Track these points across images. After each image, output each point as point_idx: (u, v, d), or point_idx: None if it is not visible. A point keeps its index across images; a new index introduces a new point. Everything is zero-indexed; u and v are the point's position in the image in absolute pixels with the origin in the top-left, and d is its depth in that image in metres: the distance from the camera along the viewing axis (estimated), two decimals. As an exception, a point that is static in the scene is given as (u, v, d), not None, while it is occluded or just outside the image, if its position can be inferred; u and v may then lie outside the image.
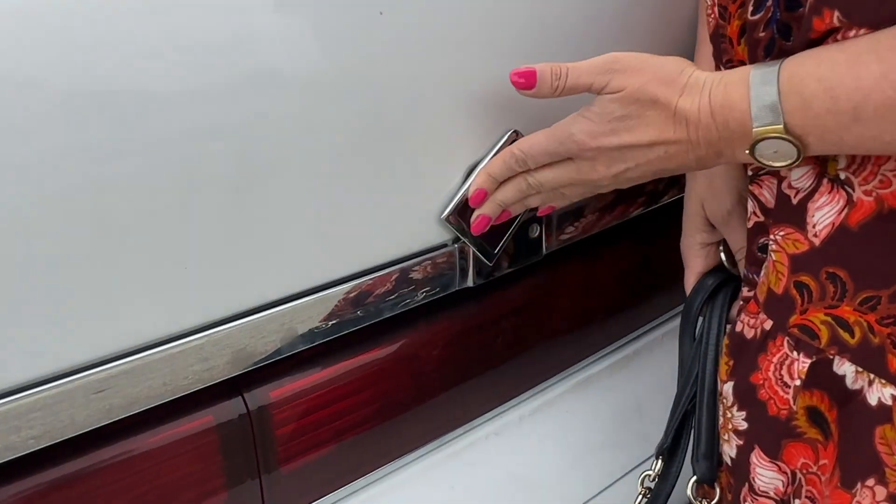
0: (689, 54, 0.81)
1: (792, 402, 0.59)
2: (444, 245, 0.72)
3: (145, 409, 0.58)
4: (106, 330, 0.54)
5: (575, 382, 0.93)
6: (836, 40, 0.51)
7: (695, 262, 0.75)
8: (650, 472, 0.74)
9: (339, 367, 0.70)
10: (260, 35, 0.54)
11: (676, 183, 0.89)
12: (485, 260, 0.73)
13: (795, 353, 0.59)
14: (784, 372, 0.59)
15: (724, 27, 0.61)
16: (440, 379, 0.77)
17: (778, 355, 0.60)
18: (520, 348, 0.84)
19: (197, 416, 0.62)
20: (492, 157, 0.68)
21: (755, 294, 0.63)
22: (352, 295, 0.66)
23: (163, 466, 0.61)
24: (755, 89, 0.53)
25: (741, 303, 0.67)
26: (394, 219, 0.67)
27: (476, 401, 0.83)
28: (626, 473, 0.88)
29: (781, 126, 0.52)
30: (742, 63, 0.61)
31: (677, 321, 1.04)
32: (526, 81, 0.61)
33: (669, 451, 0.73)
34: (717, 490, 0.68)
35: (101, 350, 0.54)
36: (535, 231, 0.77)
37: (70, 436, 0.55)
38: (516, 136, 0.69)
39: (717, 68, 0.65)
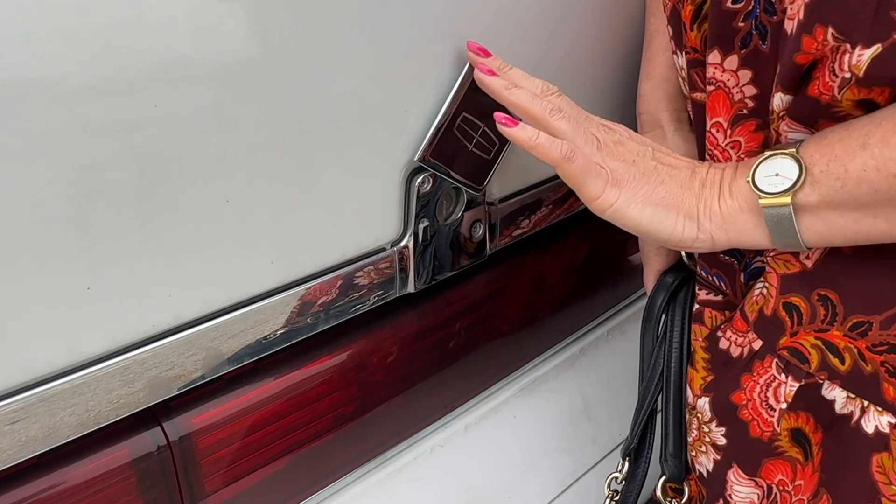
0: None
1: (776, 424, 0.58)
2: (382, 249, 0.66)
3: (50, 449, 0.51)
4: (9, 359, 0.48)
5: (520, 386, 0.90)
6: (832, 70, 0.48)
7: (654, 260, 0.73)
8: (617, 475, 0.72)
9: (269, 388, 0.64)
10: (160, 19, 0.47)
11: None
12: (474, 192, 0.69)
13: (784, 375, 0.57)
14: (770, 394, 0.58)
15: (680, 10, 0.59)
16: (380, 393, 0.73)
17: (765, 377, 0.58)
18: (464, 354, 0.80)
19: (109, 452, 0.56)
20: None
21: (743, 311, 0.61)
22: (284, 309, 0.60)
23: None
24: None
25: (696, 308, 0.65)
26: (325, 223, 0.61)
27: (419, 412, 0.79)
28: (577, 479, 0.86)
29: (794, 148, 0.51)
30: (695, 50, 0.58)
31: (622, 316, 1.03)
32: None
33: (636, 451, 0.71)
34: (686, 489, 0.66)
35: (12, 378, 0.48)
36: (478, 231, 0.72)
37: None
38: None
39: (675, 53, 0.63)
